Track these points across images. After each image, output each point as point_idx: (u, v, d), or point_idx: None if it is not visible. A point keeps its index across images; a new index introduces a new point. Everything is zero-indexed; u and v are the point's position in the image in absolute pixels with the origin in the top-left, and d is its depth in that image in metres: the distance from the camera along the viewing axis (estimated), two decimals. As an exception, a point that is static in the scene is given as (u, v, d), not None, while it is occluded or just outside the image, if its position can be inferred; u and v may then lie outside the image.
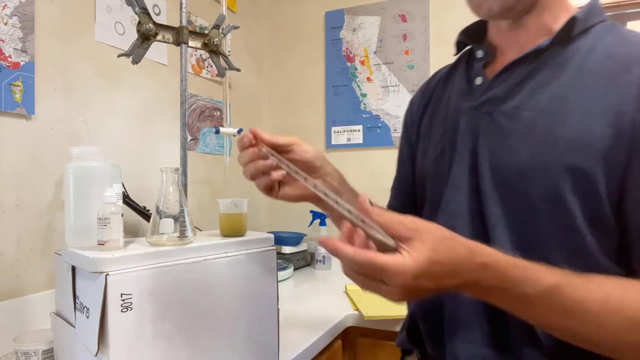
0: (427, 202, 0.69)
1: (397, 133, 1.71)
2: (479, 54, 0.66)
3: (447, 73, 0.74)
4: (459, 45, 0.71)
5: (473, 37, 0.68)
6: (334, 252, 0.41)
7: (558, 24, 0.57)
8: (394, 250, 0.40)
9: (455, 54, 0.72)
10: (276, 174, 0.60)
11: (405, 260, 0.39)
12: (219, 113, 1.62)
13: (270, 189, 0.63)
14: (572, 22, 0.56)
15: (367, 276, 0.41)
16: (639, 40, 0.55)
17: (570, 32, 0.56)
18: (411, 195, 0.76)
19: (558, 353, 0.51)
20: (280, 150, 0.61)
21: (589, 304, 0.44)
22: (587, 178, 0.50)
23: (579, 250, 0.51)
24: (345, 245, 0.40)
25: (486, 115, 0.59)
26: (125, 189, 1.07)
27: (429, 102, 0.74)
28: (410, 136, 0.76)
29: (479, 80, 0.63)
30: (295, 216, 1.84)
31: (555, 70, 0.56)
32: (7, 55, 0.90)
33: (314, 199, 0.64)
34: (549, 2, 0.59)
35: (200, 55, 1.52)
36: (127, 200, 1.09)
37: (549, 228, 0.52)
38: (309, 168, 0.62)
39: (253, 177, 0.61)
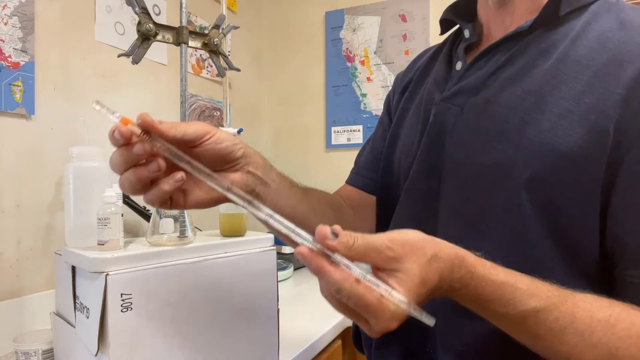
0: (384, 195, 0.64)
1: (397, 133, 1.71)
2: (466, 33, 0.56)
3: (434, 53, 0.65)
4: (444, 23, 0.61)
5: (462, 14, 0.59)
6: (318, 272, 0.34)
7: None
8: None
9: (441, 34, 0.62)
10: (168, 185, 0.41)
11: (398, 310, 0.34)
12: (219, 113, 1.62)
13: (171, 201, 0.43)
14: (554, 0, 0.47)
15: (350, 309, 0.35)
16: None
17: (557, 11, 0.47)
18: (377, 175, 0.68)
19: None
20: (189, 145, 0.43)
21: (567, 336, 0.38)
22: (551, 190, 0.43)
23: (532, 266, 0.43)
24: (333, 268, 0.33)
25: (456, 108, 0.51)
26: (125, 189, 1.06)
27: (410, 83, 0.65)
28: (391, 113, 0.69)
29: (459, 66, 0.55)
30: (295, 216, 1.84)
31: (537, 58, 0.47)
32: (7, 55, 0.90)
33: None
34: None
35: (200, 55, 1.52)
36: (127, 200, 1.09)
37: (502, 241, 0.46)
38: (228, 161, 0.45)
39: (136, 192, 0.41)
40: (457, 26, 0.60)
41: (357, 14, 1.77)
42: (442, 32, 0.63)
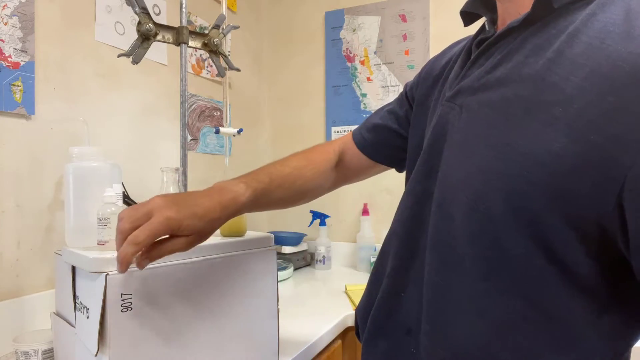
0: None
1: (397, 133, 1.71)
2: (487, 25, 0.53)
3: (465, 45, 0.60)
4: (465, 16, 0.57)
5: (486, 5, 0.54)
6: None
7: None
8: None
9: (465, 26, 0.59)
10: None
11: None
12: (219, 113, 1.62)
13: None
14: None
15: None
16: None
17: (549, 3, 0.42)
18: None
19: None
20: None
21: None
22: (531, 202, 0.39)
23: (514, 286, 0.42)
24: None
25: (457, 108, 0.49)
26: (125, 189, 1.07)
27: (440, 77, 0.62)
28: (409, 102, 0.70)
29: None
30: (295, 216, 1.84)
31: (530, 56, 0.42)
32: (7, 55, 0.90)
33: None
34: None
35: (200, 55, 1.52)
36: (127, 200, 1.09)
37: (486, 250, 0.43)
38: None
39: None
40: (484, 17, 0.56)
41: (357, 14, 1.77)
42: (466, 24, 0.59)
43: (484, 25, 0.56)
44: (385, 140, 0.75)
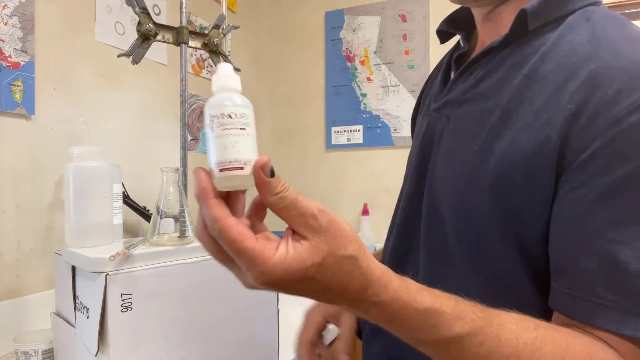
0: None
1: (397, 133, 1.71)
2: (461, 42, 0.60)
3: (444, 59, 0.65)
4: (441, 34, 0.63)
5: (462, 23, 0.61)
6: (200, 198, 0.31)
7: None
8: None
9: (441, 43, 0.65)
10: None
11: (276, 259, 0.31)
12: (219, 113, 1.62)
13: None
14: (521, 16, 0.46)
15: (222, 252, 0.33)
16: (616, 37, 0.42)
17: (525, 26, 0.46)
18: None
19: None
20: None
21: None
22: (510, 201, 0.44)
23: (495, 277, 0.46)
24: (217, 201, 0.31)
25: (444, 118, 0.53)
26: (125, 189, 1.07)
27: (423, 91, 0.70)
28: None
29: (452, 76, 0.58)
30: (295, 216, 1.84)
31: (509, 72, 0.47)
32: (7, 55, 0.90)
33: None
34: None
35: (200, 55, 1.52)
36: (127, 200, 1.09)
37: (470, 245, 0.47)
38: None
39: None
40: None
41: (357, 14, 1.77)
42: (442, 42, 0.65)
43: (459, 41, 0.62)
44: None
